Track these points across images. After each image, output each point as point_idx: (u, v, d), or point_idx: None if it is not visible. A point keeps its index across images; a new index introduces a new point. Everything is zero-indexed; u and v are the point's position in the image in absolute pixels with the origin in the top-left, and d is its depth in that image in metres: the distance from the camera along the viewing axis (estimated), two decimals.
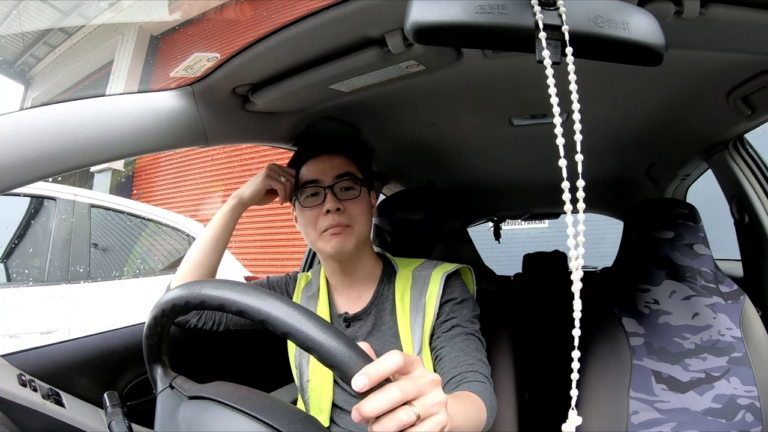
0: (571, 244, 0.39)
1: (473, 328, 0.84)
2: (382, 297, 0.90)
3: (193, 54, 0.82)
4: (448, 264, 0.92)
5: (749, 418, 0.89)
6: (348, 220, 0.86)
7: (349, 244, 0.85)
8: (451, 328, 0.83)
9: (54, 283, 2.50)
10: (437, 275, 0.88)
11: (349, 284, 0.93)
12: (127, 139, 0.73)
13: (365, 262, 0.92)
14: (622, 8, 0.44)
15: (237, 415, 0.49)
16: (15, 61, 2.10)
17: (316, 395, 0.88)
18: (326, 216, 0.85)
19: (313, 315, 0.47)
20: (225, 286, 0.50)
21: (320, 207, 0.86)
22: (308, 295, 0.96)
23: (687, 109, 1.06)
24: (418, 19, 0.42)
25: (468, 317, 0.85)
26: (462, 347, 0.80)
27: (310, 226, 0.87)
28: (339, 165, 0.89)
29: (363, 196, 0.90)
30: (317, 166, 0.89)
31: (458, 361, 0.77)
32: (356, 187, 0.89)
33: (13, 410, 0.72)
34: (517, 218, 2.63)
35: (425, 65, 0.77)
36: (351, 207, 0.87)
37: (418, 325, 0.85)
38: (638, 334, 1.00)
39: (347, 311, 0.91)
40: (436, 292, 0.86)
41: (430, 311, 0.85)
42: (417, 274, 0.91)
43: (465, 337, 0.82)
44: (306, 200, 0.89)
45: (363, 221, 0.88)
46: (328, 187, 0.86)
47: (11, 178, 0.61)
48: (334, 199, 0.85)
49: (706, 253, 1.05)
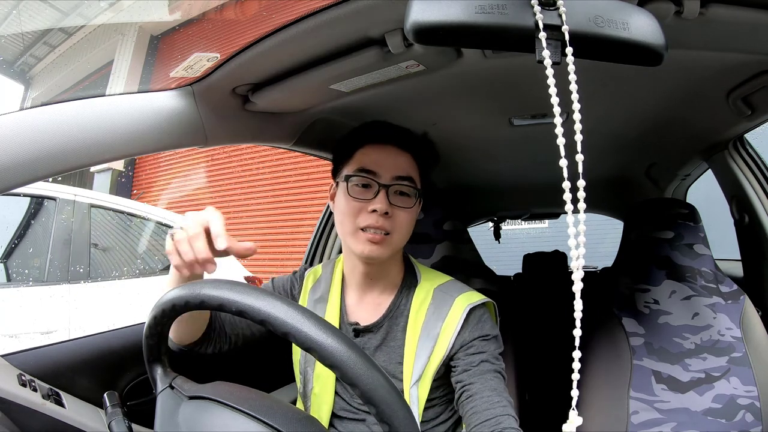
0: (572, 244, 0.39)
1: (500, 365, 0.80)
2: (398, 310, 0.85)
3: (193, 54, 0.82)
4: (474, 293, 0.85)
5: (749, 418, 0.89)
6: (391, 227, 0.79)
7: (384, 254, 0.80)
8: (480, 363, 0.78)
9: (54, 283, 2.50)
10: (460, 305, 0.81)
11: (368, 288, 0.87)
12: (127, 139, 0.73)
13: (391, 269, 0.87)
14: (622, 8, 0.44)
15: (237, 415, 0.49)
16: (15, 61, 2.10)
17: (316, 402, 0.86)
18: (370, 214, 0.78)
19: (313, 315, 0.47)
20: (225, 286, 0.50)
21: (367, 202, 0.79)
22: (315, 297, 0.90)
23: (687, 109, 1.06)
24: (418, 19, 0.42)
25: (495, 354, 0.80)
26: (494, 386, 0.75)
27: (349, 217, 0.80)
28: (403, 164, 0.82)
29: (415, 207, 0.82)
30: (380, 156, 0.81)
31: (491, 402, 0.73)
32: (412, 195, 0.82)
33: (13, 410, 0.72)
34: (517, 218, 2.63)
35: (425, 65, 0.77)
36: (399, 214, 0.80)
37: (424, 353, 0.80)
38: (638, 334, 1.00)
39: (358, 321, 0.85)
40: (455, 325, 0.80)
41: (443, 344, 0.79)
42: (438, 292, 0.85)
43: (494, 374, 0.77)
44: (354, 188, 0.80)
45: (405, 232, 0.82)
46: (384, 186, 0.79)
47: (11, 178, 0.61)
48: (385, 200, 0.78)
49: (706, 253, 1.05)
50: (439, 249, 1.18)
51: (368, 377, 0.44)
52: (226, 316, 0.85)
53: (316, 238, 1.55)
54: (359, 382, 0.44)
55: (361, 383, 0.44)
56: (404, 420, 0.44)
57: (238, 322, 0.86)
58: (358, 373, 0.44)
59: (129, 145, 0.74)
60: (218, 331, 0.84)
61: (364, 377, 0.44)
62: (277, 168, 6.39)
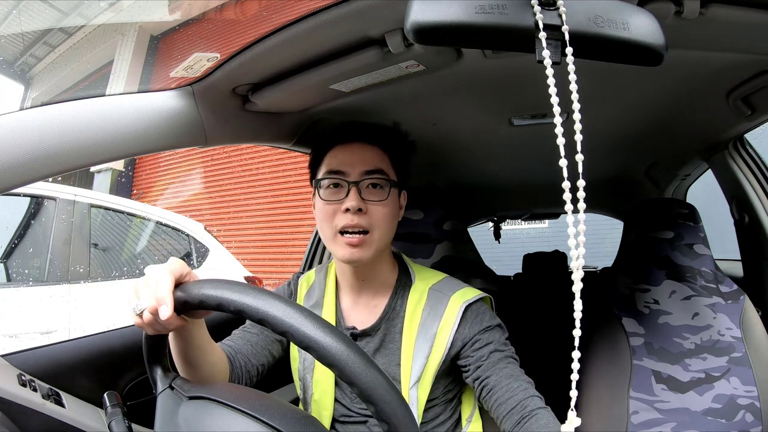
0: (572, 244, 0.39)
1: (510, 350, 0.79)
2: (394, 311, 0.84)
3: (193, 54, 0.82)
4: (469, 290, 0.84)
5: (749, 418, 0.89)
6: (368, 223, 0.77)
7: (365, 255, 0.78)
8: (490, 354, 0.77)
9: (54, 283, 2.50)
10: (455, 304, 0.81)
11: (361, 290, 0.86)
12: (127, 139, 0.73)
13: (381, 269, 0.85)
14: (622, 8, 0.44)
15: (237, 415, 0.49)
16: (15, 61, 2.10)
17: (316, 409, 0.85)
18: (344, 214, 0.77)
19: (311, 314, 0.47)
20: (224, 285, 0.50)
21: (340, 203, 0.78)
22: (311, 304, 0.89)
23: (687, 109, 1.06)
24: (418, 19, 0.42)
25: (502, 341, 0.80)
26: (510, 372, 0.75)
27: (326, 222, 0.79)
28: (370, 158, 0.80)
29: (391, 198, 0.80)
30: (345, 156, 0.80)
31: (512, 389, 0.73)
32: (385, 187, 0.80)
33: (13, 410, 0.72)
34: (517, 218, 2.63)
35: (425, 65, 0.77)
36: (374, 209, 0.78)
37: (421, 354, 0.79)
38: (638, 334, 1.00)
39: (355, 326, 0.85)
40: (452, 325, 0.79)
41: (441, 344, 0.79)
42: (433, 292, 0.83)
43: (508, 361, 0.77)
44: (326, 192, 0.80)
45: (385, 227, 0.80)
46: (353, 183, 0.78)
47: (11, 178, 0.61)
48: (357, 197, 0.77)
49: (706, 253, 1.05)
50: (439, 249, 1.18)
51: (367, 376, 0.44)
52: (247, 350, 0.83)
53: (315, 239, 1.55)
54: (358, 380, 0.44)
55: (359, 382, 0.44)
56: (404, 418, 0.44)
57: (260, 350, 0.84)
58: (357, 372, 0.44)
59: (129, 145, 0.74)
60: (243, 367, 0.81)
61: (362, 376, 0.44)
62: (277, 168, 6.38)
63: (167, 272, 0.54)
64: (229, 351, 0.79)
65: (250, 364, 0.82)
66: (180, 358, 0.68)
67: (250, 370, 0.82)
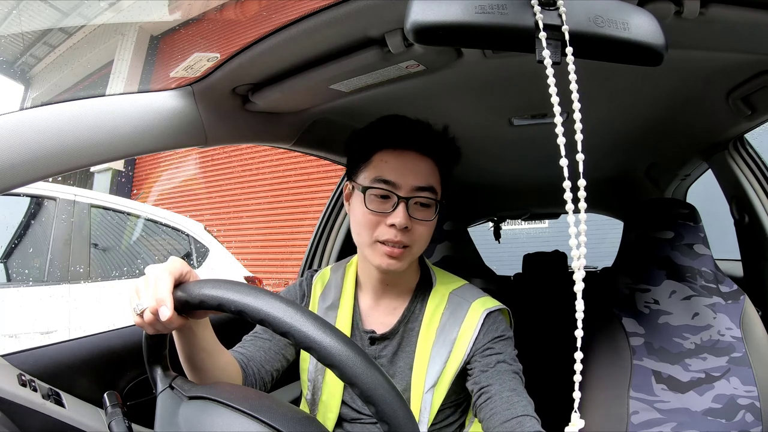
0: (573, 244, 0.39)
1: (518, 367, 0.78)
2: (413, 315, 0.83)
3: (193, 54, 0.82)
4: (489, 299, 0.83)
5: (749, 418, 0.89)
6: (410, 240, 0.75)
7: (402, 266, 0.77)
8: (497, 363, 0.76)
9: (54, 283, 2.50)
10: (476, 311, 0.79)
11: (384, 293, 0.85)
12: (127, 139, 0.73)
13: (407, 275, 0.84)
14: (622, 8, 0.44)
15: (237, 415, 0.49)
16: (15, 61, 2.10)
17: (323, 410, 0.84)
18: (389, 228, 0.74)
19: (312, 314, 0.47)
20: (225, 285, 0.50)
21: (385, 216, 0.75)
22: (327, 305, 0.86)
23: (687, 109, 1.06)
24: (418, 19, 0.42)
25: (512, 355, 0.78)
26: (513, 386, 0.73)
27: (366, 229, 0.76)
28: (423, 174, 0.76)
29: (435, 218, 0.78)
30: (399, 164, 0.76)
31: (511, 402, 0.71)
32: (432, 206, 0.77)
33: (13, 410, 0.72)
34: (517, 218, 2.63)
35: (425, 65, 0.77)
36: (418, 228, 0.76)
37: (439, 359, 0.78)
38: (638, 334, 1.00)
39: (374, 330, 0.83)
40: (473, 330, 0.77)
41: (461, 350, 0.77)
42: (454, 297, 0.82)
43: (513, 375, 0.75)
44: (372, 200, 0.76)
45: (423, 243, 0.78)
46: (404, 199, 0.74)
47: (11, 178, 0.61)
48: (405, 214, 0.74)
49: (706, 253, 1.05)
50: (439, 249, 1.18)
51: (367, 376, 0.44)
52: (260, 357, 0.81)
53: (315, 239, 1.55)
54: (358, 381, 0.44)
55: (360, 382, 0.44)
56: (404, 419, 0.44)
57: (273, 355, 0.83)
58: (357, 372, 0.44)
59: (129, 145, 0.74)
60: (257, 374, 0.79)
61: (363, 376, 0.44)
62: (277, 168, 6.39)
63: (168, 272, 0.54)
64: (241, 359, 0.78)
65: (264, 370, 0.80)
66: (187, 361, 0.67)
67: (264, 376, 0.80)
